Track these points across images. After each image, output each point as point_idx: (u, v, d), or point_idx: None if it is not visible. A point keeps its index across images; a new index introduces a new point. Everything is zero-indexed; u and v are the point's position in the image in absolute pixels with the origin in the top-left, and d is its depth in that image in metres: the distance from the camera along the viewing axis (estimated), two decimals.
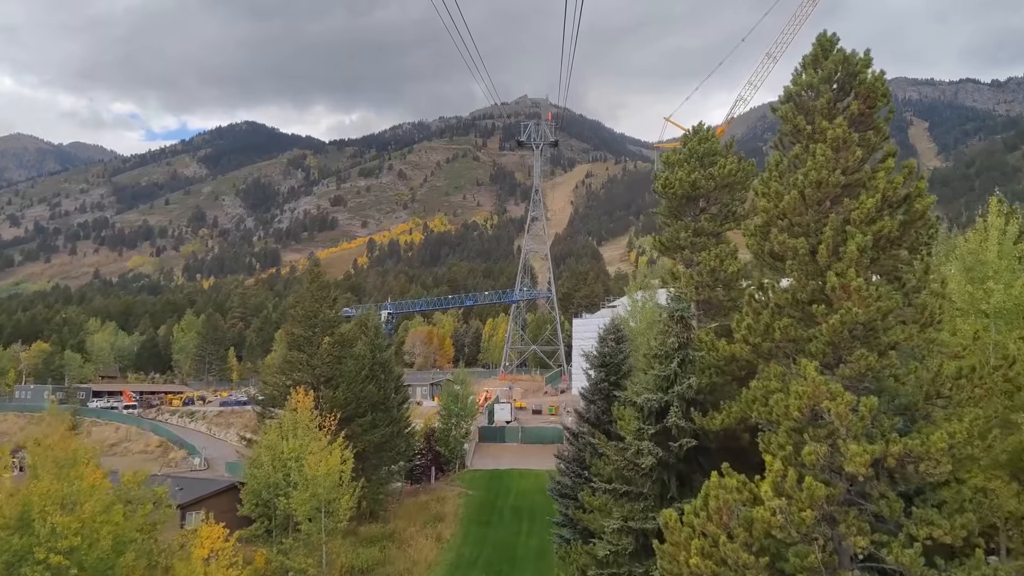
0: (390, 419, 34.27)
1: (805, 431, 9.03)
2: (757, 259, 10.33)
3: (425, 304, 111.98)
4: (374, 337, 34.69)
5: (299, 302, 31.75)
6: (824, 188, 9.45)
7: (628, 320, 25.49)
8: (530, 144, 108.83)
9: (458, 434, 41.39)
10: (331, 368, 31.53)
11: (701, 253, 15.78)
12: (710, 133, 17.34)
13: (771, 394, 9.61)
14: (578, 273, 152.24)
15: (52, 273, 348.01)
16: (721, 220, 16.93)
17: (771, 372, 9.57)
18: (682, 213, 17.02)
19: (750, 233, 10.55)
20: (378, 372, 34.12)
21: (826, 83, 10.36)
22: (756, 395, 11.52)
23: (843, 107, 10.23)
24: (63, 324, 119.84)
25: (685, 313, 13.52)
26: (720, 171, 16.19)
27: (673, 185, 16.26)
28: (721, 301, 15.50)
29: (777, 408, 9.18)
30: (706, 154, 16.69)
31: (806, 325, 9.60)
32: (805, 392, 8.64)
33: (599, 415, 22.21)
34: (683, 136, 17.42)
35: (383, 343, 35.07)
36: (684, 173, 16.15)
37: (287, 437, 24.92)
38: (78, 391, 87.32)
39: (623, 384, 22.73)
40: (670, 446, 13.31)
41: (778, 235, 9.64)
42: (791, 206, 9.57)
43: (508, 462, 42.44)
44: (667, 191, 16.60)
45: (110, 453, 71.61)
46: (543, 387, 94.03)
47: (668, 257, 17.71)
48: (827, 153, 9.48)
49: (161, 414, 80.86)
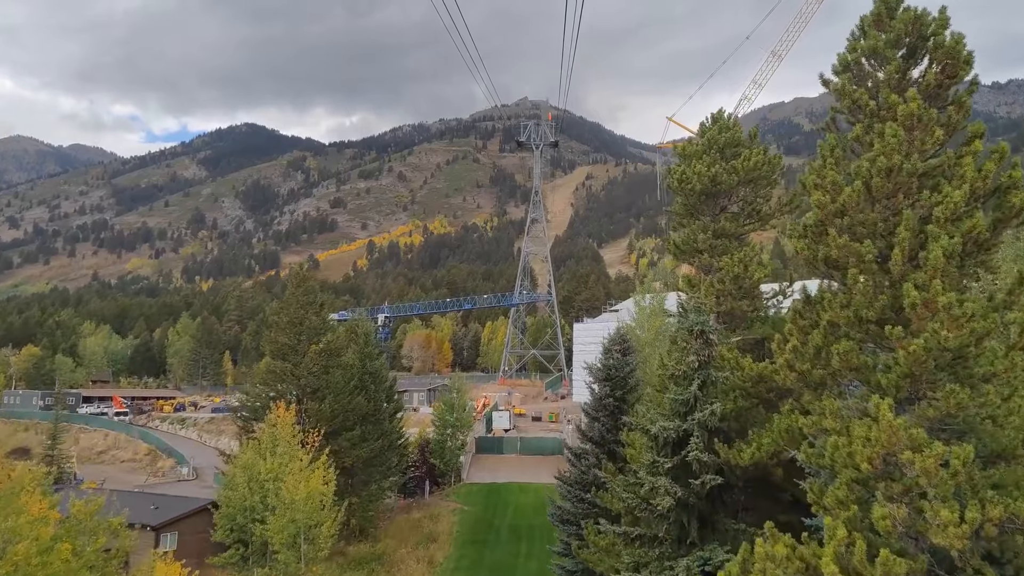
0: (380, 432, 32.30)
1: (874, 485, 7.11)
2: (809, 267, 8.41)
3: (423, 307, 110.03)
4: (364, 345, 32.75)
5: (284, 308, 29.81)
6: (896, 177, 7.47)
7: (635, 329, 23.45)
8: (530, 145, 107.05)
9: (454, 445, 39.42)
10: (317, 379, 29.57)
11: (722, 257, 13.82)
12: (732, 121, 15.33)
13: (823, 433, 7.69)
14: (579, 276, 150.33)
15: (51, 275, 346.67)
16: (744, 220, 14.95)
17: (825, 408, 7.65)
18: (700, 212, 15.01)
19: (798, 235, 8.56)
20: (368, 382, 32.17)
21: (892, 48, 8.40)
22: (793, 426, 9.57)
23: (916, 77, 8.30)
24: (56, 327, 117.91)
25: (706, 327, 11.63)
26: (744, 164, 14.20)
27: (690, 180, 14.25)
28: (745, 312, 13.58)
29: (836, 455, 7.25)
30: (727, 144, 14.69)
31: (873, 350, 7.69)
32: (878, 439, 6.72)
33: (603, 433, 20.24)
34: (699, 125, 15.44)
35: (374, 351, 33.12)
36: (703, 166, 14.12)
37: (265, 456, 22.95)
38: (67, 396, 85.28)
39: (629, 399, 20.78)
40: (690, 483, 11.39)
41: (837, 237, 7.67)
42: (853, 201, 7.58)
43: (506, 474, 40.47)
44: (683, 186, 14.56)
45: (98, 461, 69.75)
46: (543, 392, 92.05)
47: (683, 262, 15.68)
48: (899, 134, 7.52)
49: (151, 420, 78.94)
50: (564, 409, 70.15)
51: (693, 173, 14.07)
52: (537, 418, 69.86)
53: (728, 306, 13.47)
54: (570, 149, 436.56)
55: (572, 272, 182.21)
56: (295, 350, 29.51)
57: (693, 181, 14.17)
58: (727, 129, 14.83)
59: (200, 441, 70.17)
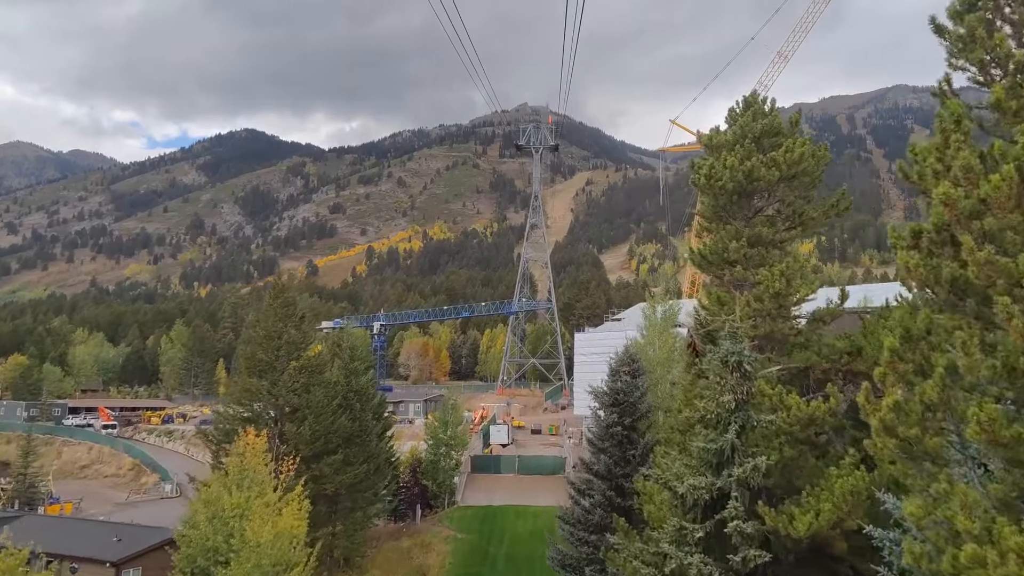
0: (366, 455, 29.79)
1: None
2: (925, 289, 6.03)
3: (420, 316, 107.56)
4: (349, 360, 30.34)
5: (260, 321, 27.40)
6: None
7: (646, 348, 20.87)
8: (529, 149, 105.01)
9: (447, 465, 36.90)
10: (297, 398, 27.11)
11: (760, 270, 11.44)
12: (769, 105, 12.85)
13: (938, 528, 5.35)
14: (579, 282, 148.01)
15: (49, 281, 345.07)
16: (785, 224, 12.52)
17: (955, 498, 5.16)
18: (731, 215, 12.56)
19: (906, 244, 6.10)
20: (353, 400, 29.71)
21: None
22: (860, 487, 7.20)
23: None
24: (46, 335, 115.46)
25: (744, 359, 9.27)
26: (787, 156, 11.76)
27: (720, 176, 11.81)
28: (786, 336, 11.21)
29: (970, 563, 4.85)
30: (764, 133, 12.25)
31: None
32: None
33: (611, 467, 17.78)
34: (728, 112, 12.99)
35: (360, 366, 30.71)
36: (736, 159, 11.71)
37: (231, 489, 20.47)
38: (53, 407, 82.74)
39: (640, 427, 18.33)
40: (728, 560, 8.97)
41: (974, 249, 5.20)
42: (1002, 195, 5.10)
43: (503, 496, 37.89)
44: (712, 184, 12.09)
45: (80, 476, 67.17)
46: (543, 403, 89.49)
47: (710, 274, 13.19)
48: None
49: (138, 433, 76.35)
50: (564, 422, 67.65)
51: (724, 168, 11.60)
52: (537, 431, 67.35)
53: (766, 329, 11.10)
54: (570, 154, 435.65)
55: (572, 278, 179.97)
56: (272, 367, 27.06)
57: (724, 178, 11.71)
58: (763, 115, 12.35)
59: (187, 454, 67.56)
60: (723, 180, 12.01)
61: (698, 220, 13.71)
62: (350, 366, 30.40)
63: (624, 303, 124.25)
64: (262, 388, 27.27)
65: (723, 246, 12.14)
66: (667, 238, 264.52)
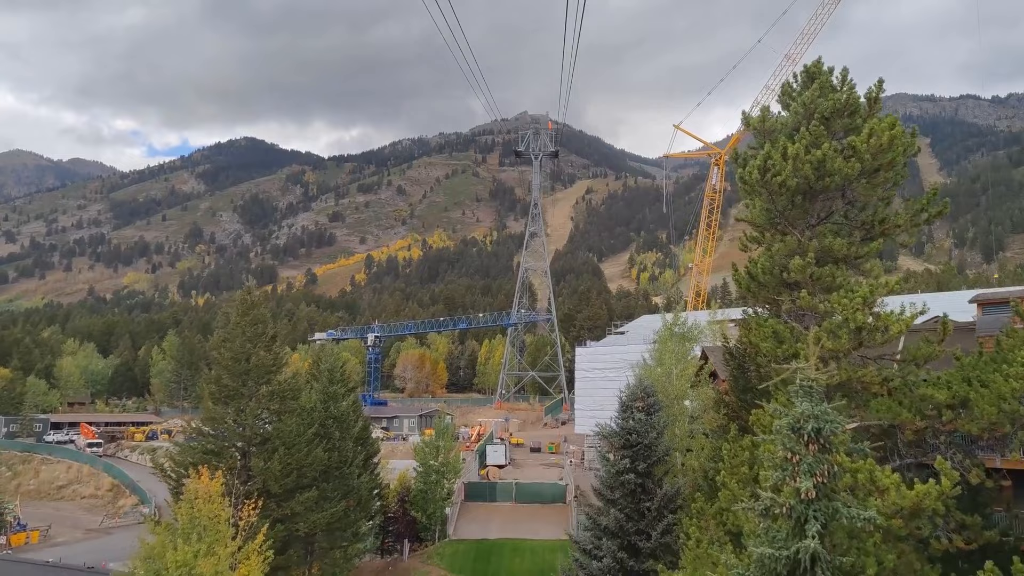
0: (346, 489, 26.97)
1: None
2: None
3: (416, 327, 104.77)
4: (328, 383, 27.63)
5: (226, 342, 24.68)
6: None
7: (662, 379, 17.95)
8: (529, 155, 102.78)
9: (438, 495, 34.01)
10: (267, 427, 24.36)
11: (831, 296, 8.61)
12: (841, 75, 9.80)
13: None
14: (580, 292, 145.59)
15: (46, 290, 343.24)
16: (860, 234, 9.53)
17: None
18: (792, 221, 9.54)
19: None
20: (332, 428, 26.96)
21: None
22: None
23: None
24: (34, 346, 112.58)
25: (826, 425, 6.49)
26: (872, 143, 8.78)
27: (780, 170, 8.78)
28: (868, 385, 8.39)
29: None
30: (836, 113, 9.06)
31: None
32: None
33: (622, 522, 15.03)
34: (782, 88, 10.08)
35: (340, 390, 27.98)
36: (801, 147, 8.77)
37: (177, 541, 17.68)
38: (35, 422, 79.73)
39: (656, 473, 15.57)
40: None
41: None
42: None
43: (499, 528, 34.99)
44: (768, 181, 8.96)
45: (57, 496, 64.05)
46: (542, 418, 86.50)
47: (761, 301, 10.12)
48: None
49: (121, 450, 73.26)
50: (565, 440, 64.71)
51: (785, 159, 8.61)
52: (536, 449, 64.41)
53: (843, 376, 8.27)
54: (570, 163, 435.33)
55: (572, 287, 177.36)
56: (240, 393, 24.33)
57: (785, 172, 8.68)
58: (831, 89, 9.22)
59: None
60: (783, 175, 8.82)
61: (744, 231, 10.68)
62: (329, 390, 27.66)
63: (625, 313, 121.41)
64: (227, 416, 24.50)
65: (780, 263, 9.17)
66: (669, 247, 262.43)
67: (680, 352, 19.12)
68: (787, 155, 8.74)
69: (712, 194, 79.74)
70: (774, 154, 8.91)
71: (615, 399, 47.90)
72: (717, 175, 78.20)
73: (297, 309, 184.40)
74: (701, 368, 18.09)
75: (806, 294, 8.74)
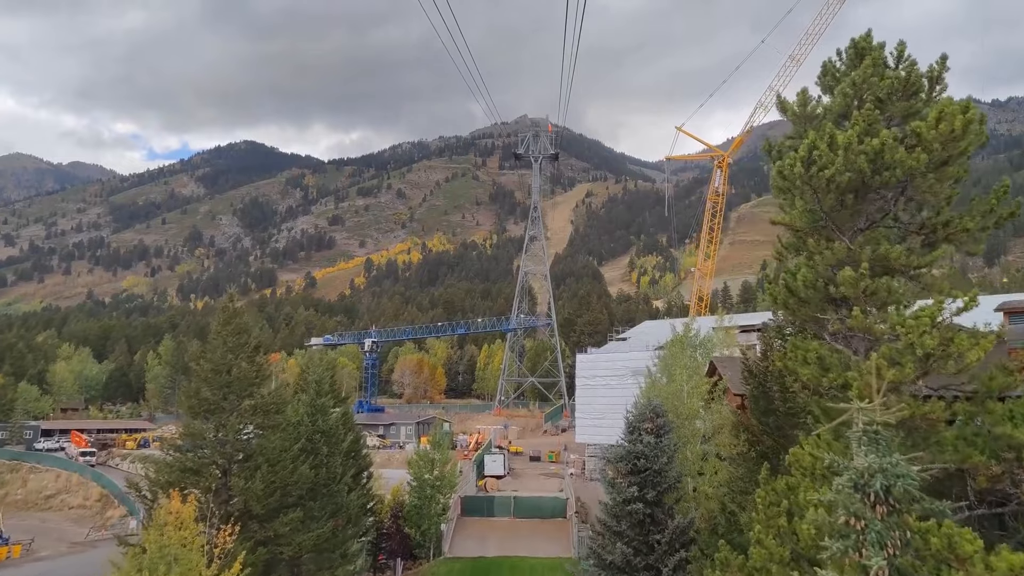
0: (335, 507, 25.51)
1: None
2: None
3: (414, 332, 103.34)
4: (315, 396, 26.24)
5: (206, 353, 23.28)
6: None
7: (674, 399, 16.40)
8: (528, 157, 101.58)
9: (433, 511, 32.54)
10: (249, 443, 22.92)
11: (891, 314, 7.14)
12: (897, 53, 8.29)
13: None
14: (580, 296, 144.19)
15: (45, 294, 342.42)
16: (920, 239, 7.96)
17: None
18: (840, 224, 7.97)
19: None
20: (319, 444, 25.53)
21: None
22: None
23: None
24: (27, 351, 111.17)
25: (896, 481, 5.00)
26: (943, 129, 7.07)
27: (828, 162, 7.19)
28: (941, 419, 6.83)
29: None
30: (894, 94, 7.57)
31: None
32: None
33: (629, 557, 13.63)
34: (824, 64, 8.38)
35: (329, 402, 26.58)
36: (854, 134, 7.21)
37: (146, 572, 16.27)
38: (25, 430, 78.27)
39: (666, 501, 14.17)
40: None
41: None
42: None
43: (496, 545, 33.53)
44: (814, 176, 7.40)
45: (45, 507, 62.49)
46: (542, 425, 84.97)
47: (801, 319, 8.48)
48: None
49: (112, 458, 71.71)
50: (565, 448, 63.25)
51: (834, 150, 7.02)
52: (536, 457, 62.95)
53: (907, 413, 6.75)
54: (570, 166, 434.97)
55: (572, 291, 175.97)
56: (220, 407, 22.91)
57: (834, 165, 7.14)
58: (882, 65, 7.52)
59: None
60: (832, 168, 7.23)
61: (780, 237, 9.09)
62: (317, 402, 26.25)
63: (626, 317, 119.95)
64: (207, 432, 23.04)
65: (825, 275, 7.64)
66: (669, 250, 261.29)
67: (692, 366, 17.60)
68: (836, 145, 7.24)
69: (715, 197, 78.49)
70: (820, 144, 7.40)
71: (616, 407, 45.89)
72: (720, 178, 76.96)
73: (295, 313, 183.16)
74: (715, 385, 16.72)
75: (859, 312, 7.28)
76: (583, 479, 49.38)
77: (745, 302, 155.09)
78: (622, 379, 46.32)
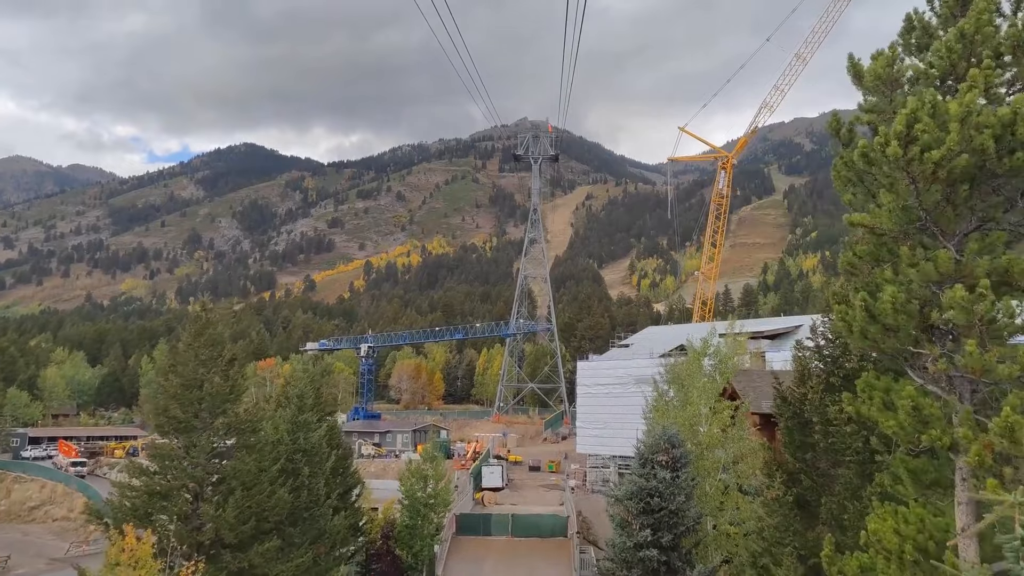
0: (317, 533, 23.61)
1: None
2: None
3: (410, 337, 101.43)
4: (297, 411, 24.39)
5: (176, 367, 21.45)
6: None
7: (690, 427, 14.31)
8: (528, 159, 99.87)
9: (426, 531, 30.63)
10: (221, 465, 21.08)
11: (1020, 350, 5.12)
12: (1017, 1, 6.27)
13: None
14: (580, 300, 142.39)
15: (44, 296, 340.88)
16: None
17: None
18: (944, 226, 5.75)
19: None
20: (300, 464, 23.65)
21: None
22: None
23: None
24: (18, 355, 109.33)
25: None
26: None
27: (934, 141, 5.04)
28: None
29: None
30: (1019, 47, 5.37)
31: None
32: None
33: None
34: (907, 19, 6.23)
35: (312, 418, 24.74)
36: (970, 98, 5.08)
37: None
38: (11, 437, 76.32)
39: (683, 547, 12.28)
40: None
41: None
42: None
43: (493, 567, 31.63)
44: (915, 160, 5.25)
45: (28, 519, 60.56)
46: (542, 432, 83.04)
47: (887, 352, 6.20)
48: None
49: (100, 467, 69.77)
50: (566, 457, 61.32)
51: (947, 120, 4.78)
52: (535, 467, 61.05)
53: None
54: (570, 169, 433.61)
55: (573, 294, 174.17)
56: (191, 425, 21.07)
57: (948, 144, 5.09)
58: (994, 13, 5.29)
59: None
60: (936, 156, 5.19)
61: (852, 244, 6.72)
62: (298, 419, 24.39)
63: (627, 321, 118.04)
64: (177, 452, 21.17)
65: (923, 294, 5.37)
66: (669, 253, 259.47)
67: (712, 388, 15.46)
68: (945, 116, 5.08)
69: (719, 199, 76.68)
70: (922, 114, 5.42)
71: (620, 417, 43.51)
72: (724, 179, 75.16)
73: (293, 316, 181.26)
74: (736, 409, 14.85)
75: (974, 346, 5.28)
76: (585, 491, 47.47)
77: (746, 305, 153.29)
78: (625, 388, 44.43)
